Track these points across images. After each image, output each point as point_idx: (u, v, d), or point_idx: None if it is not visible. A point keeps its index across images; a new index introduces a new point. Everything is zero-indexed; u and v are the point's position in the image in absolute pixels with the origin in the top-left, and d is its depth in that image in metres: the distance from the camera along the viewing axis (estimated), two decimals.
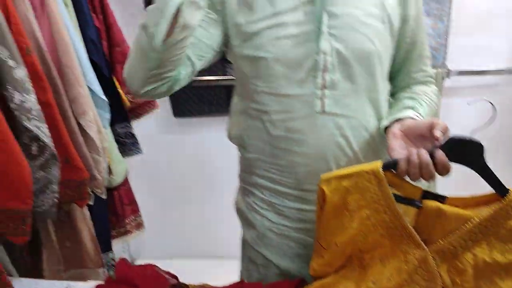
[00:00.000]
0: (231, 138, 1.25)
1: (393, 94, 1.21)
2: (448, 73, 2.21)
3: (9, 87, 1.11)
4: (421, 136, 0.97)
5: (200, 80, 2.23)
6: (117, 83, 1.63)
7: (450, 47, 2.21)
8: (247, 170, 1.24)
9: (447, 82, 2.28)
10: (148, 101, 1.80)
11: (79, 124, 1.37)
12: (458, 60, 2.25)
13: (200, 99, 2.32)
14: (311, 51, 1.04)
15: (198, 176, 2.54)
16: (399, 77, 1.20)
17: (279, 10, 1.04)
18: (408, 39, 1.14)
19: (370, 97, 1.10)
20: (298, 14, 1.04)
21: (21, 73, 1.12)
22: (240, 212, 1.30)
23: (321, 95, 1.06)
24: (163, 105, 2.38)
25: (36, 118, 1.15)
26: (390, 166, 0.94)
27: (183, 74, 1.07)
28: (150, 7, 0.95)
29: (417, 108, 1.09)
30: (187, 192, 2.57)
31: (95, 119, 1.42)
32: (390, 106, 1.17)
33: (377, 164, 0.94)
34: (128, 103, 1.68)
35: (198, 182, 2.55)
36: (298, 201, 1.17)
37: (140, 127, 1.97)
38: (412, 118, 1.04)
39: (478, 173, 0.90)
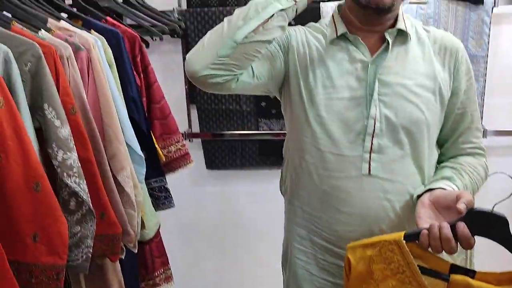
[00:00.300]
0: (282, 189, 1.29)
1: (440, 162, 1.23)
2: (485, 133, 2.17)
3: (54, 146, 1.16)
4: (448, 207, 0.96)
5: (233, 133, 2.28)
6: (154, 139, 1.68)
7: (486, 107, 2.19)
8: (293, 221, 1.26)
9: (484, 142, 2.23)
10: (183, 156, 1.84)
11: (116, 180, 1.41)
12: (495, 120, 2.22)
13: (233, 152, 2.35)
14: (361, 115, 1.09)
15: (230, 228, 2.53)
16: (447, 146, 1.23)
17: (334, 74, 1.10)
18: (457, 111, 1.18)
19: (416, 163, 1.13)
20: (351, 79, 1.10)
21: (65, 132, 1.17)
22: (285, 259, 1.33)
23: (369, 159, 1.09)
24: (196, 156, 2.42)
25: (76, 175, 1.19)
26: (413, 237, 0.94)
27: (243, 78, 1.12)
28: (239, 8, 1.05)
29: (454, 179, 1.09)
30: (219, 244, 2.56)
31: (132, 175, 1.46)
32: (434, 174, 1.18)
33: (400, 235, 0.94)
34: (163, 158, 1.73)
35: (230, 234, 2.55)
36: (338, 258, 1.17)
37: (173, 178, 2.01)
38: (443, 189, 1.04)
39: (504, 247, 0.88)
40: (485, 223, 0.88)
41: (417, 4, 2.07)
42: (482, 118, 2.19)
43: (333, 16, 1.17)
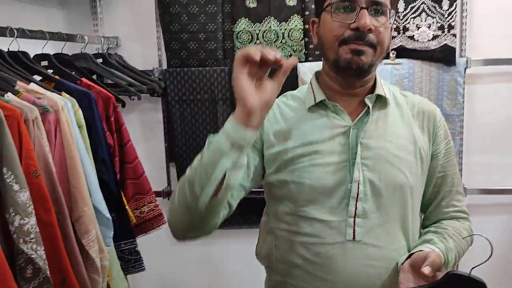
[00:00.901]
0: (259, 257, 1.24)
1: (425, 227, 1.21)
2: (464, 191, 2.16)
3: (11, 211, 1.13)
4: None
5: None
6: (124, 200, 1.65)
7: (465, 166, 2.19)
8: None
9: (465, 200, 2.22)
10: (156, 216, 1.81)
11: (80, 243, 1.37)
12: (474, 178, 2.21)
13: None
14: (345, 179, 1.07)
15: None
16: (430, 211, 1.21)
17: (315, 139, 1.09)
18: (438, 174, 1.17)
19: (401, 228, 1.11)
20: (333, 144, 1.09)
21: (24, 196, 1.15)
22: None
23: (353, 224, 1.07)
24: None
25: (34, 241, 1.15)
26: None
27: (221, 217, 1.08)
28: (195, 163, 0.98)
29: (435, 242, 1.08)
30: None
31: (98, 238, 1.42)
32: (418, 239, 1.16)
33: None
34: (134, 220, 1.69)
35: None
36: None
37: (151, 237, 1.95)
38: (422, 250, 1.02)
39: None
40: (463, 287, 0.86)
41: (392, 65, 2.11)
42: (461, 176, 2.18)
43: (311, 83, 1.17)
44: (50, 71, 1.68)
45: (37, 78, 1.59)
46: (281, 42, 2.15)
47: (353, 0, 1.01)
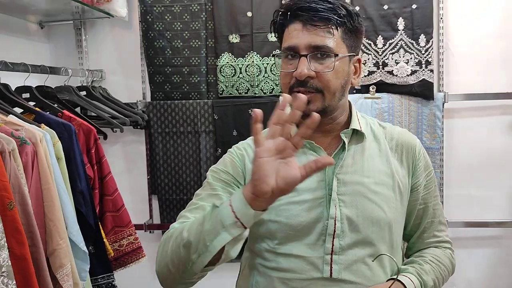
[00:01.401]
0: None
1: (408, 257, 1.22)
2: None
3: None
4: None
5: None
6: (102, 233, 1.64)
7: (446, 198, 2.20)
8: None
9: (448, 230, 2.23)
10: (135, 250, 1.78)
11: (54, 277, 1.34)
12: (456, 211, 2.23)
13: None
14: (322, 216, 1.07)
15: None
16: (412, 241, 1.22)
17: None
18: (419, 206, 1.17)
19: (380, 263, 1.09)
20: (310, 181, 1.07)
21: None
22: None
23: (330, 260, 1.06)
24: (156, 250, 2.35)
25: (5, 275, 1.13)
26: None
27: None
28: (195, 224, 0.94)
29: (407, 270, 1.09)
30: None
31: (72, 272, 1.39)
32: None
33: None
34: (112, 253, 1.67)
35: None
36: None
37: (132, 271, 1.92)
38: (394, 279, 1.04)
39: None
40: None
41: (372, 99, 2.16)
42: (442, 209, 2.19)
43: None
44: (32, 103, 1.69)
45: (19, 110, 1.60)
46: (263, 76, 2.19)
47: (295, 48, 1.03)
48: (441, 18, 2.13)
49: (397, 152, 1.16)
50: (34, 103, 1.71)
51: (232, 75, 2.21)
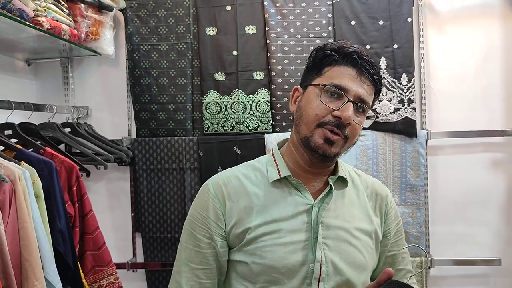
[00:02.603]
0: None
1: None
2: (432, 262, 2.15)
3: None
4: None
5: None
6: (81, 273, 1.60)
7: (431, 236, 2.19)
8: None
9: (433, 272, 2.21)
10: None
11: None
12: (440, 249, 2.21)
13: None
14: (307, 259, 1.06)
15: None
16: None
17: (278, 217, 1.08)
18: (388, 253, 1.19)
19: None
20: (296, 223, 1.08)
21: None
22: None
23: None
24: (140, 281, 2.30)
25: None
26: None
27: None
28: None
29: None
30: None
31: None
32: None
33: None
34: None
35: None
36: None
37: None
38: None
39: None
40: None
41: None
42: (429, 246, 2.18)
43: (273, 155, 1.17)
44: (14, 140, 1.68)
45: (1, 148, 1.59)
46: (248, 113, 2.21)
47: (345, 90, 1.06)
48: (422, 58, 2.18)
49: (372, 199, 1.19)
50: (16, 140, 1.70)
51: (217, 112, 2.22)
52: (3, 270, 1.25)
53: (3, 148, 1.60)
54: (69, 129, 2.08)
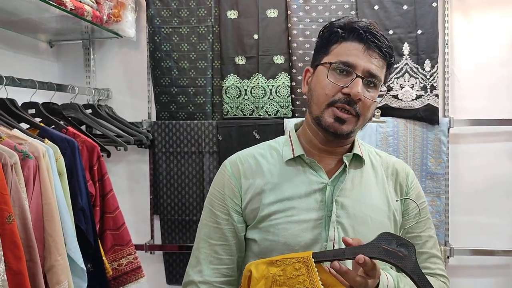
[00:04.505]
0: None
1: None
2: (451, 252, 2.13)
3: None
4: None
5: None
6: (102, 251, 1.62)
7: (451, 225, 2.17)
8: None
9: (452, 261, 2.18)
10: (134, 270, 1.76)
11: None
12: (461, 238, 2.19)
13: None
14: (320, 238, 1.06)
15: None
16: None
17: (292, 195, 1.09)
18: (408, 235, 1.16)
19: None
20: (309, 201, 1.08)
21: None
22: None
23: None
24: (157, 270, 2.32)
25: None
26: (322, 256, 0.95)
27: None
28: None
29: (387, 270, 1.08)
30: None
31: None
32: None
33: (309, 253, 0.95)
34: (110, 272, 1.64)
35: None
36: None
37: None
38: None
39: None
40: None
41: (377, 123, 2.15)
42: (448, 236, 2.16)
43: (290, 135, 1.18)
44: (37, 119, 1.70)
45: (25, 125, 1.60)
46: (268, 98, 2.19)
47: (352, 66, 1.04)
48: (447, 44, 2.14)
49: (392, 180, 1.18)
50: (40, 119, 1.72)
51: (237, 96, 2.22)
52: (27, 245, 1.26)
53: (28, 126, 1.62)
54: (90, 111, 2.10)
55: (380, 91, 1.09)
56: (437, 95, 2.10)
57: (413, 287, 0.98)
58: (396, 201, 1.15)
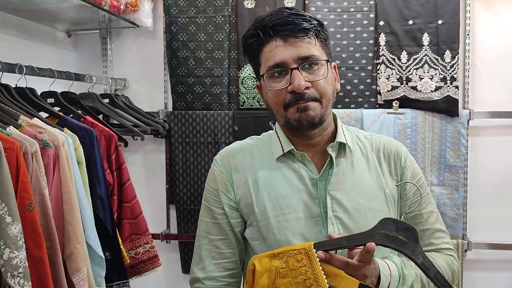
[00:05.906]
0: None
1: None
2: (469, 245, 2.11)
3: (1, 243, 1.12)
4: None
5: None
6: (119, 239, 1.63)
7: (469, 218, 2.14)
8: None
9: (469, 255, 2.16)
10: (151, 258, 1.77)
11: (70, 281, 1.34)
12: (479, 231, 2.16)
13: None
14: (321, 235, 1.05)
15: None
16: None
17: (284, 192, 1.08)
18: (408, 215, 1.14)
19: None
20: (304, 197, 1.07)
21: (16, 229, 1.14)
22: None
23: None
24: (173, 259, 2.34)
25: (21, 275, 1.13)
26: (322, 246, 0.94)
27: None
28: None
29: (390, 257, 1.07)
30: None
31: (88, 277, 1.39)
32: None
33: (310, 243, 0.94)
34: (127, 260, 1.66)
35: None
36: None
37: (148, 281, 1.92)
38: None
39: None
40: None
41: (395, 115, 2.13)
42: (466, 229, 2.13)
43: (276, 132, 1.16)
44: (56, 108, 1.71)
45: (44, 114, 1.62)
46: None
47: (282, 64, 1.02)
48: (468, 34, 2.10)
49: (385, 162, 1.14)
50: (59, 108, 1.74)
51: (253, 87, 2.21)
52: (47, 232, 1.28)
53: (47, 115, 1.63)
54: (107, 100, 2.11)
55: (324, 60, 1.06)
56: (457, 87, 2.07)
57: (418, 270, 0.97)
58: (396, 185, 1.13)
